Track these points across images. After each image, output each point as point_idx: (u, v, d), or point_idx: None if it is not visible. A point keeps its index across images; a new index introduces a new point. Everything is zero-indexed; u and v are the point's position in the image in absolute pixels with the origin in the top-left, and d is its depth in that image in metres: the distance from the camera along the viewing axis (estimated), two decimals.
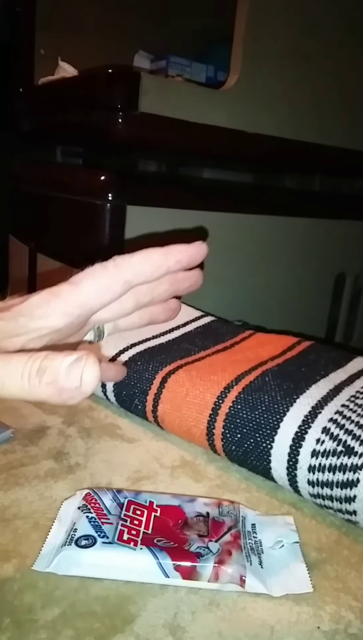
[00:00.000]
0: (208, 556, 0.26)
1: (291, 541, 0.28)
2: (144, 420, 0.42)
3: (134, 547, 0.26)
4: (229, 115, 0.77)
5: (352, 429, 0.32)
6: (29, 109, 0.99)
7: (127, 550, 0.26)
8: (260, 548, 0.28)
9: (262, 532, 0.29)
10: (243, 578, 0.25)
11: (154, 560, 0.25)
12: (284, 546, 0.28)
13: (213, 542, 0.27)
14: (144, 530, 0.27)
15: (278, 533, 0.29)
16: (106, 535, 0.26)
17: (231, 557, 0.26)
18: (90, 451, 0.37)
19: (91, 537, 0.26)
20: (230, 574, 0.25)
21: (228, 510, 0.30)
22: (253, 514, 0.31)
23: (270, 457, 0.33)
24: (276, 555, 0.28)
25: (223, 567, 0.25)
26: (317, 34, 0.84)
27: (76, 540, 0.26)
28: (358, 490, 0.30)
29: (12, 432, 0.38)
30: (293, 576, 0.26)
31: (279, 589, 0.26)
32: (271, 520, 0.30)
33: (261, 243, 0.89)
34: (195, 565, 0.26)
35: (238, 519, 0.29)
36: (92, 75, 0.79)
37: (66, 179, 0.84)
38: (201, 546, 0.27)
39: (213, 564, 0.26)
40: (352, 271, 1.03)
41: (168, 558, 0.26)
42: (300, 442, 0.32)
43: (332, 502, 0.31)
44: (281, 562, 0.27)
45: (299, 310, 0.98)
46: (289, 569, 0.27)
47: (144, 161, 0.88)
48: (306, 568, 0.27)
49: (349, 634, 0.24)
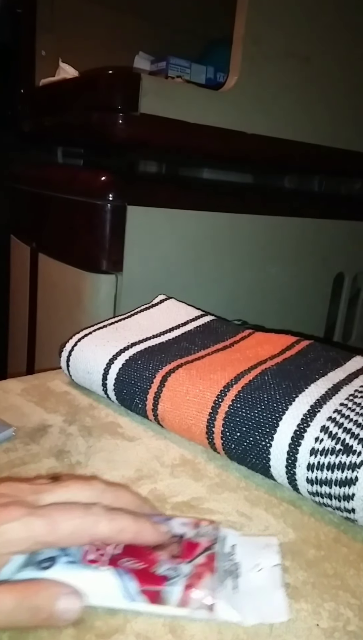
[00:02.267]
0: (176, 579, 0.24)
1: (272, 564, 0.27)
2: (144, 418, 0.43)
3: (99, 568, 0.24)
4: (229, 116, 0.78)
5: (351, 427, 0.32)
6: (30, 110, 0.99)
7: (91, 572, 0.24)
8: (237, 571, 0.26)
9: (242, 554, 0.27)
10: (213, 604, 0.24)
11: (119, 583, 0.24)
12: (263, 569, 0.26)
13: (184, 564, 0.25)
14: (112, 551, 0.25)
15: (259, 555, 0.27)
16: (71, 555, 0.25)
17: (203, 580, 0.24)
18: (91, 450, 0.38)
19: (53, 558, 0.24)
20: (200, 599, 0.24)
21: (206, 531, 0.28)
22: (235, 535, 0.29)
23: (269, 456, 0.34)
24: (254, 580, 0.26)
25: (192, 592, 0.24)
26: (316, 35, 0.85)
27: (38, 562, 0.24)
28: (356, 488, 0.30)
29: (13, 430, 0.39)
30: (269, 603, 0.25)
31: (252, 616, 0.24)
32: (253, 542, 0.29)
33: (261, 243, 0.89)
34: (161, 590, 0.24)
35: (217, 540, 0.27)
36: (92, 77, 0.79)
37: (66, 180, 0.84)
38: (170, 568, 0.25)
39: (181, 588, 0.24)
40: (351, 271, 1.03)
41: (133, 581, 0.24)
42: (299, 440, 0.32)
43: (330, 500, 0.31)
44: (258, 587, 0.25)
45: (298, 309, 0.98)
46: (266, 594, 0.25)
47: (145, 162, 0.88)
48: (284, 594, 0.25)
49: (348, 631, 0.24)
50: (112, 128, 0.71)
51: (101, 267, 0.74)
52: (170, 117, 0.72)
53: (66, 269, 0.81)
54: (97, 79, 0.75)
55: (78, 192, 0.78)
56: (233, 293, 0.88)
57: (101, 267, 0.74)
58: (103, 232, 0.73)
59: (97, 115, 0.73)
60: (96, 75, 0.77)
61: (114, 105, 0.70)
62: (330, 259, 1.00)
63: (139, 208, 0.73)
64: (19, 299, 1.02)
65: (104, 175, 0.74)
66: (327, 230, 0.98)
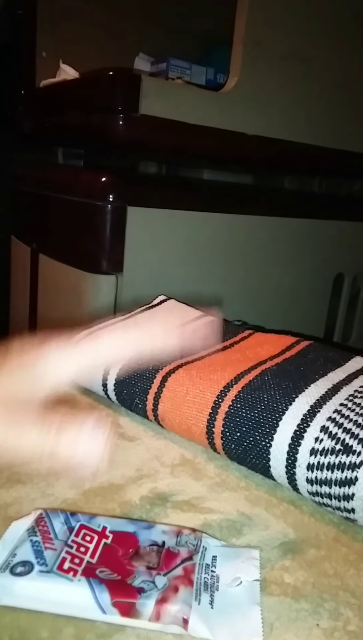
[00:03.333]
0: (151, 592, 0.23)
1: (251, 579, 0.26)
2: (144, 419, 0.43)
3: (72, 578, 0.24)
4: (229, 117, 0.78)
5: (351, 427, 0.32)
6: (31, 110, 1.00)
7: (63, 582, 0.23)
8: (215, 585, 0.25)
9: (222, 566, 0.26)
10: (186, 619, 0.23)
11: (91, 594, 0.23)
12: (242, 584, 0.25)
13: (160, 576, 0.24)
14: (89, 559, 0.25)
15: (239, 569, 0.26)
16: (45, 563, 0.24)
17: (177, 594, 0.24)
18: None
19: (28, 563, 0.24)
20: (173, 614, 0.23)
21: (187, 540, 0.27)
22: (216, 545, 0.28)
23: (269, 456, 0.34)
24: (231, 595, 0.25)
25: (165, 606, 0.23)
26: (316, 37, 0.85)
27: (12, 566, 0.24)
28: (356, 488, 0.30)
29: None
30: (245, 620, 0.24)
31: (225, 634, 0.23)
32: (235, 553, 0.28)
33: (261, 244, 0.89)
34: (135, 602, 0.23)
35: (198, 550, 0.27)
36: (93, 78, 0.79)
37: (67, 180, 0.85)
38: (146, 580, 0.24)
39: (155, 602, 0.23)
40: (350, 272, 1.03)
41: (106, 592, 0.23)
42: (299, 440, 0.32)
43: (330, 500, 0.31)
44: (235, 603, 0.24)
45: (298, 310, 0.98)
46: (242, 611, 0.24)
47: (145, 163, 0.88)
48: (260, 611, 0.24)
49: (348, 631, 0.24)
50: (112, 129, 0.72)
51: (101, 267, 0.74)
52: (170, 118, 0.72)
53: (67, 269, 0.81)
54: (98, 80, 0.76)
55: (78, 193, 0.78)
56: (232, 293, 0.88)
57: (101, 267, 0.74)
58: (103, 232, 0.73)
59: (97, 116, 0.73)
60: (97, 76, 0.77)
61: (115, 106, 0.71)
62: (330, 260, 1.00)
63: (140, 209, 0.73)
64: (19, 300, 1.02)
65: (105, 176, 0.74)
66: (326, 230, 0.98)
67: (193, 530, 0.28)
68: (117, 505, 0.32)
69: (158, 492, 0.33)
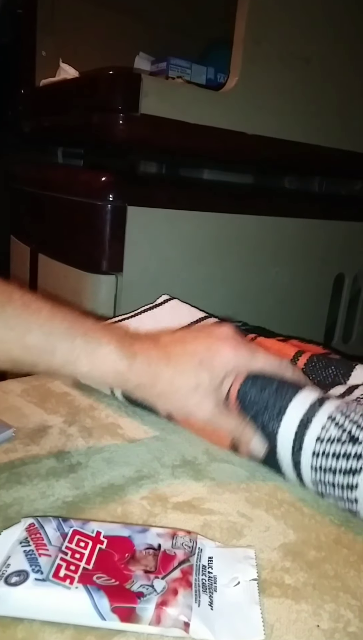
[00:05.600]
0: (150, 596, 0.23)
1: (249, 578, 0.26)
2: (145, 420, 0.43)
3: (69, 586, 0.23)
4: (229, 117, 0.78)
5: (357, 419, 0.32)
6: (30, 110, 0.99)
7: (60, 589, 0.23)
8: (213, 586, 0.25)
9: (219, 567, 0.26)
10: (187, 622, 0.23)
11: (90, 601, 0.23)
12: (240, 584, 0.25)
13: (158, 580, 0.24)
14: (85, 565, 0.24)
15: (236, 569, 0.26)
16: (41, 571, 0.24)
17: (177, 597, 0.23)
18: (91, 450, 0.38)
19: (23, 572, 0.24)
20: (173, 617, 0.23)
21: (183, 542, 0.27)
22: (212, 546, 0.28)
23: (276, 442, 0.34)
24: (230, 595, 0.25)
25: (165, 609, 0.23)
26: (317, 36, 0.85)
27: (6, 577, 0.24)
28: (360, 478, 0.30)
29: (13, 431, 0.39)
30: (245, 620, 0.24)
31: (227, 635, 0.23)
32: (231, 554, 0.28)
33: (261, 244, 0.89)
34: (134, 607, 0.23)
35: (194, 551, 0.27)
36: (93, 77, 0.79)
37: (66, 180, 0.84)
38: (144, 584, 0.24)
39: (154, 606, 0.23)
40: (351, 272, 1.03)
41: (105, 598, 0.23)
42: (306, 425, 0.33)
43: (333, 489, 0.31)
44: (234, 603, 0.24)
45: (298, 310, 0.98)
46: (241, 611, 0.24)
47: (145, 162, 0.88)
48: (260, 610, 0.24)
49: (348, 632, 0.24)
50: (112, 128, 0.71)
51: (101, 267, 0.74)
52: (170, 117, 0.72)
53: (66, 269, 0.81)
54: (98, 79, 0.75)
55: (78, 193, 0.78)
56: (232, 294, 0.88)
57: (101, 267, 0.74)
58: (103, 232, 0.73)
59: (97, 116, 0.73)
60: (97, 75, 0.77)
61: (115, 105, 0.70)
62: (330, 260, 1.00)
63: (140, 208, 0.73)
64: None
65: (105, 175, 0.74)
66: (327, 230, 0.98)
67: (188, 532, 0.28)
68: (118, 505, 0.32)
69: (159, 493, 0.33)
